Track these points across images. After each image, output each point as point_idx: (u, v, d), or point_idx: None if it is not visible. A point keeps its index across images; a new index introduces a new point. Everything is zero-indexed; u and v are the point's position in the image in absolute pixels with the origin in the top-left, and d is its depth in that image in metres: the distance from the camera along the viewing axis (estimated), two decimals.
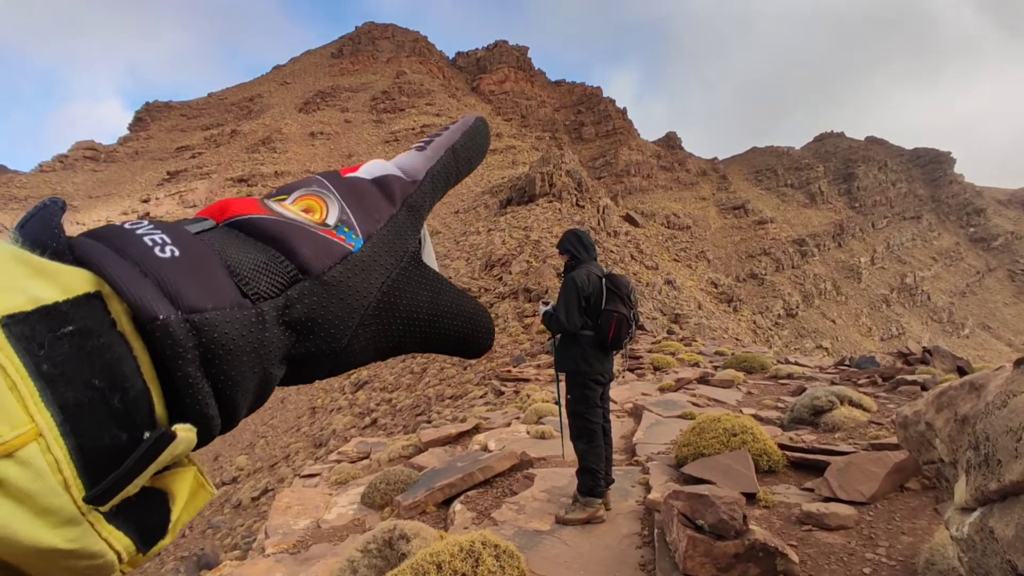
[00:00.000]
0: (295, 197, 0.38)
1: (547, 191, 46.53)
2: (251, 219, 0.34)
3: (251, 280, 0.31)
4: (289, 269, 0.33)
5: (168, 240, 0.30)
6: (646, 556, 3.39)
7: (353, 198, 0.39)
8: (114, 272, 0.26)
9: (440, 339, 0.41)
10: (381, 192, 0.41)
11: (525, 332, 18.88)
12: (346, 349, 0.35)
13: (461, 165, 0.46)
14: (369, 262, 0.36)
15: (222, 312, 0.28)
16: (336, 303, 0.34)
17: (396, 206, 0.40)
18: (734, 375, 8.96)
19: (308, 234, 0.35)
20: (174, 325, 0.26)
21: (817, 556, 3.08)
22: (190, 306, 0.27)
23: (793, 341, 78.11)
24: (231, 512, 15.68)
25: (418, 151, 0.45)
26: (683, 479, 4.23)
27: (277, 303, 0.32)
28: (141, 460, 0.25)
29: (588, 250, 4.02)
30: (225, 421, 0.30)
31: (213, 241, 0.32)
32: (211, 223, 0.35)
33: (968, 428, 1.18)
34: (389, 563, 3.17)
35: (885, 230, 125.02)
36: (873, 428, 5.11)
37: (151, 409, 0.26)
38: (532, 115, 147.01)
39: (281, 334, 0.32)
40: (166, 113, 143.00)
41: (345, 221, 0.37)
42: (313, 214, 0.37)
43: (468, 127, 0.47)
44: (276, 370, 0.32)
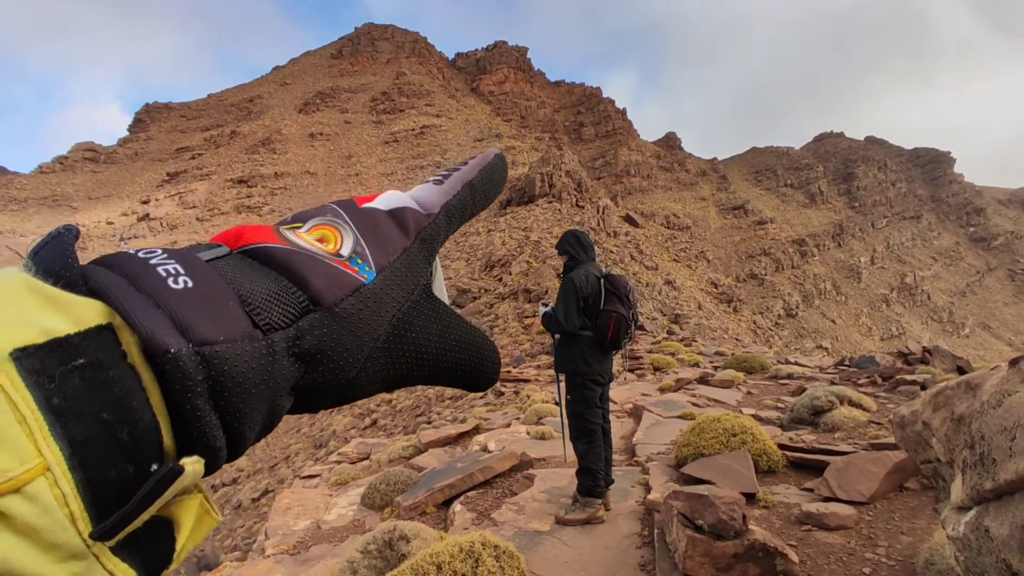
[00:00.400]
0: (310, 226, 0.38)
1: (547, 192, 46.57)
2: (265, 248, 0.34)
3: (263, 310, 0.31)
4: (301, 300, 0.33)
5: (182, 271, 0.29)
6: (646, 556, 3.39)
7: (367, 229, 0.39)
8: (127, 304, 0.26)
9: (447, 372, 0.41)
10: (396, 224, 0.41)
11: (525, 333, 18.88)
12: (353, 381, 0.35)
13: (477, 200, 0.46)
14: (381, 295, 0.36)
15: (233, 344, 0.28)
16: (346, 335, 0.34)
17: (410, 239, 0.40)
18: (734, 375, 8.96)
19: (321, 265, 0.35)
20: (184, 358, 0.26)
21: (817, 556, 3.08)
22: (201, 339, 0.27)
23: (793, 341, 78.12)
24: (231, 513, 15.68)
25: (435, 184, 0.45)
26: (683, 479, 4.23)
27: (288, 334, 0.31)
28: (148, 495, 0.25)
29: (587, 251, 4.02)
30: (231, 451, 0.30)
31: (226, 269, 0.32)
32: (224, 250, 0.34)
33: (964, 427, 1.18)
34: (389, 564, 3.17)
35: (885, 230, 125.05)
36: (873, 428, 5.11)
37: (159, 442, 0.26)
38: (532, 116, 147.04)
39: (290, 365, 0.31)
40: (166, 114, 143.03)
41: (359, 253, 0.37)
42: (327, 244, 0.37)
43: (487, 164, 0.47)
44: (284, 401, 0.32)
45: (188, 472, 0.26)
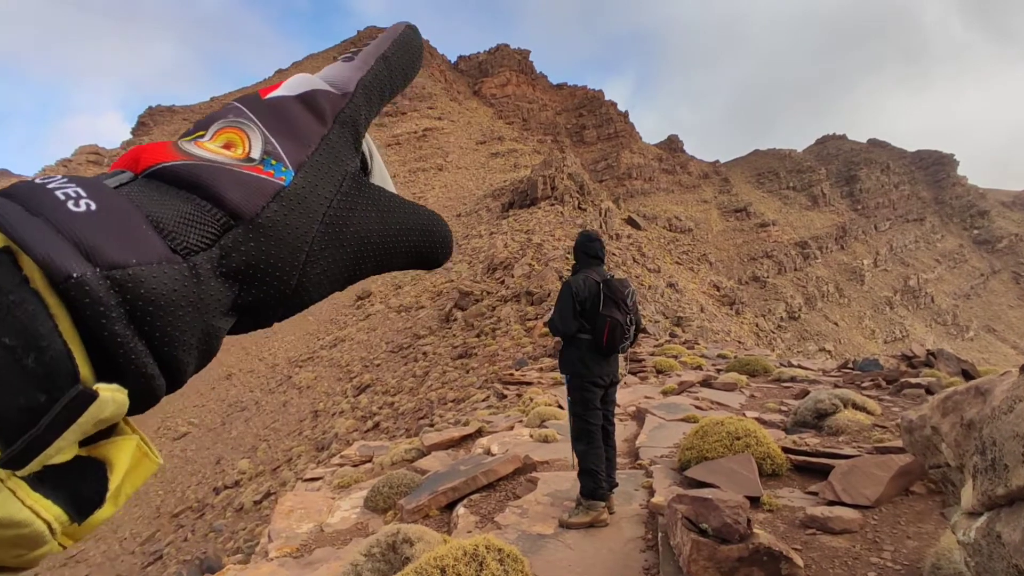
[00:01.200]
0: (213, 132, 0.35)
1: (549, 194, 46.56)
2: (167, 167, 0.31)
3: (178, 234, 0.29)
4: (218, 217, 0.30)
5: (83, 193, 0.27)
6: (650, 560, 3.38)
7: (277, 123, 0.36)
8: (22, 230, 0.24)
9: (396, 257, 0.39)
10: (308, 111, 0.37)
11: (527, 335, 18.87)
12: (297, 289, 0.33)
13: (395, 75, 0.42)
14: (304, 194, 0.33)
15: (149, 267, 0.26)
16: (276, 245, 0.31)
17: (327, 125, 0.37)
18: (737, 378, 8.94)
19: (232, 175, 0.32)
20: (91, 282, 0.24)
21: (821, 560, 3.06)
22: (110, 262, 0.25)
23: (796, 344, 77.94)
24: (233, 516, 15.68)
25: (345, 61, 0.41)
26: (686, 483, 4.22)
27: (211, 255, 0.29)
28: (57, 420, 0.23)
29: (589, 255, 4.04)
30: (170, 381, 0.28)
31: (132, 194, 0.29)
32: (128, 175, 0.31)
33: (975, 433, 1.17)
34: (393, 567, 3.17)
35: (888, 232, 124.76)
36: (877, 431, 5.09)
37: (73, 370, 0.24)
38: (534, 118, 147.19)
39: (221, 286, 0.30)
40: (168, 117, 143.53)
41: (271, 152, 0.34)
42: (235, 149, 0.34)
43: (398, 35, 0.43)
44: (220, 323, 0.30)
45: (106, 399, 0.24)
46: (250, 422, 26.45)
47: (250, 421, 26.62)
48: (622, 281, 3.93)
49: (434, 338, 24.79)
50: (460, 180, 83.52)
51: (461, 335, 22.94)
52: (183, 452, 26.33)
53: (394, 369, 22.89)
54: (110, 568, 16.90)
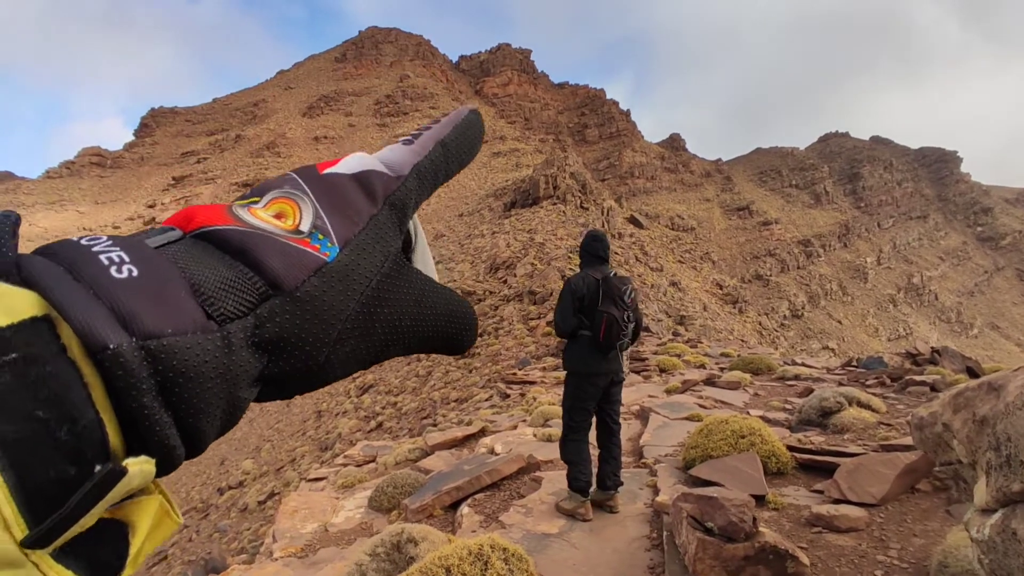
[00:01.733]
0: (267, 200, 0.35)
1: (551, 193, 46.57)
2: (218, 231, 0.32)
3: (217, 300, 0.29)
4: (258, 285, 0.30)
5: (126, 258, 0.27)
6: (655, 559, 3.37)
7: (329, 199, 0.36)
8: (61, 295, 0.24)
9: (424, 342, 0.39)
10: (361, 190, 0.38)
11: (530, 335, 18.86)
12: (324, 366, 0.32)
13: (451, 161, 0.43)
14: (346, 272, 0.33)
15: (183, 337, 0.26)
16: (310, 320, 0.31)
17: (377, 205, 0.37)
18: (741, 376, 8.92)
19: (278, 245, 0.32)
20: (126, 354, 0.24)
21: (827, 558, 3.05)
22: (146, 332, 0.25)
23: (799, 342, 77.82)
24: (237, 516, 15.70)
25: (404, 144, 0.42)
26: (691, 481, 4.21)
27: (246, 324, 0.29)
28: (86, 499, 0.23)
29: (592, 254, 4.06)
30: (190, 448, 0.28)
31: (177, 256, 0.30)
32: (177, 234, 0.32)
33: (988, 429, 1.16)
34: (397, 567, 3.16)
35: (891, 230, 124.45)
36: (882, 429, 5.07)
37: (104, 440, 0.24)
38: (535, 118, 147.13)
39: (251, 356, 0.29)
40: (171, 119, 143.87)
41: (320, 227, 0.34)
42: (285, 220, 0.34)
43: (460, 120, 0.44)
44: (246, 393, 0.30)
45: (134, 473, 0.24)
46: (254, 423, 26.51)
47: (254, 422, 26.67)
48: (621, 278, 3.93)
49: None
50: (462, 180, 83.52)
51: None
52: None
53: (397, 369, 22.91)
54: None
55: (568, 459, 4.07)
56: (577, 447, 4.03)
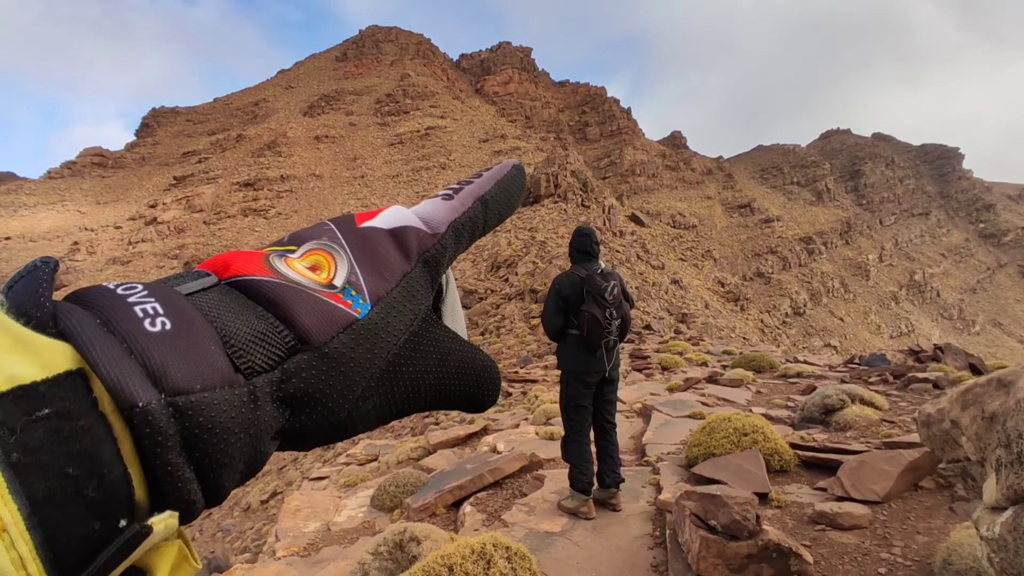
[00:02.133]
0: (303, 251, 0.36)
1: (552, 192, 46.55)
2: (252, 281, 0.32)
3: (246, 352, 0.29)
4: (288, 340, 0.30)
5: (160, 311, 0.27)
6: (658, 557, 3.37)
7: (364, 254, 0.36)
8: (95, 352, 0.24)
9: (446, 399, 0.39)
10: (396, 246, 0.38)
11: (532, 333, 18.86)
12: (345, 421, 0.33)
13: (490, 217, 0.42)
14: (376, 330, 0.33)
15: (210, 393, 0.26)
16: (336, 376, 0.31)
17: (411, 263, 0.37)
18: (743, 374, 8.91)
19: (311, 300, 0.32)
20: (155, 412, 0.24)
21: (831, 556, 3.05)
22: (175, 388, 0.25)
23: (801, 340, 77.75)
24: (240, 515, 15.73)
25: (444, 200, 0.41)
26: (694, 479, 4.20)
27: (272, 377, 0.29)
28: (112, 559, 0.23)
29: (579, 251, 4.04)
30: (209, 499, 0.28)
31: (210, 306, 0.30)
32: (211, 280, 0.32)
33: (997, 426, 1.15)
34: (400, 566, 3.16)
35: (893, 227, 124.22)
36: (885, 426, 5.06)
37: (130, 495, 0.24)
38: (536, 116, 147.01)
39: (275, 411, 0.30)
40: (172, 119, 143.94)
41: (353, 283, 0.34)
42: (320, 272, 0.34)
43: (503, 176, 0.44)
44: (267, 447, 0.30)
45: (158, 532, 0.24)
46: None
47: None
48: (606, 275, 3.88)
49: None
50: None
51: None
52: None
53: None
54: None
55: (569, 460, 4.07)
56: (578, 447, 4.03)
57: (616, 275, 3.95)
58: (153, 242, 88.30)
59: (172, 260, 77.68)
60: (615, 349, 3.99)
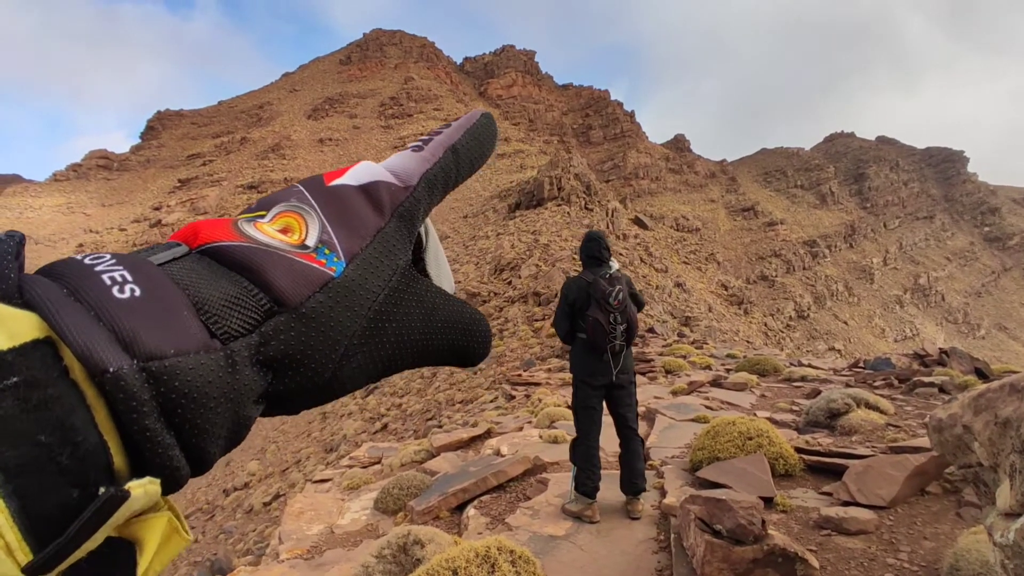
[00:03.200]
0: (273, 215, 0.35)
1: (555, 195, 46.57)
2: (223, 247, 0.31)
3: (221, 318, 0.28)
4: (263, 302, 0.30)
5: (129, 278, 0.27)
6: (663, 561, 3.35)
7: (336, 212, 0.35)
8: (62, 318, 0.24)
9: (434, 354, 0.38)
10: (368, 202, 0.37)
11: (535, 336, 18.84)
12: (330, 381, 0.32)
13: (462, 167, 0.41)
14: (353, 287, 0.33)
15: (185, 358, 0.26)
16: (316, 337, 0.31)
17: (384, 217, 0.37)
18: (747, 378, 8.88)
19: (284, 261, 0.32)
20: (127, 377, 0.24)
21: (837, 561, 3.03)
22: (148, 353, 0.25)
23: (805, 343, 77.52)
24: (243, 517, 15.73)
25: (414, 151, 0.41)
26: (698, 483, 4.19)
27: (250, 341, 0.29)
28: (89, 524, 0.22)
29: (588, 256, 4.05)
30: (195, 466, 0.28)
31: (181, 273, 0.29)
32: (183, 249, 0.32)
33: (1011, 431, 1.14)
34: (404, 569, 3.15)
35: (897, 230, 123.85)
36: (891, 431, 5.03)
37: (108, 463, 0.24)
38: (540, 119, 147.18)
39: (255, 374, 0.29)
40: (177, 121, 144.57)
41: (326, 242, 0.34)
42: (291, 234, 0.34)
43: (472, 124, 0.42)
44: (250, 411, 0.29)
45: (137, 496, 0.23)
46: (259, 424, 26.57)
47: (259, 423, 26.74)
48: (612, 279, 3.89)
49: None
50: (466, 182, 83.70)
51: None
52: None
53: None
54: None
55: (576, 462, 4.08)
56: (586, 450, 4.02)
57: (623, 279, 3.95)
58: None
59: None
60: (622, 353, 3.97)
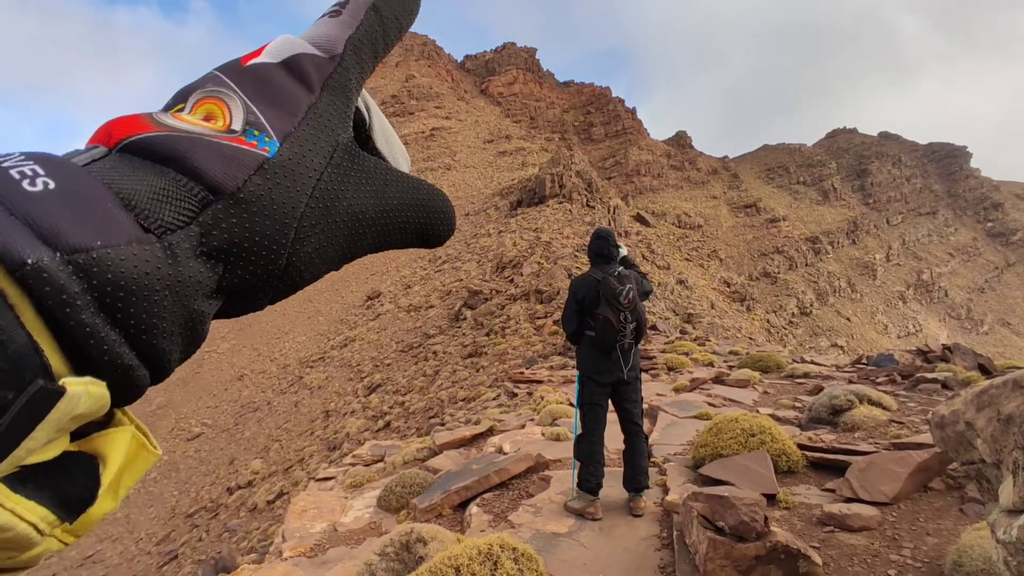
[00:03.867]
0: (192, 103, 0.32)
1: (557, 192, 46.49)
2: (142, 139, 0.29)
3: (152, 211, 0.26)
4: (196, 191, 0.28)
5: (41, 172, 0.25)
6: (665, 559, 3.35)
7: (260, 92, 0.33)
8: None
9: (395, 235, 0.36)
10: (293, 77, 0.34)
11: (537, 334, 18.84)
12: (287, 269, 0.30)
13: (389, 26, 0.38)
14: (291, 166, 0.31)
15: (116, 249, 0.24)
16: (260, 221, 0.29)
17: (315, 93, 0.34)
18: (750, 375, 8.87)
19: (212, 146, 0.29)
20: (50, 268, 0.22)
21: (840, 558, 3.03)
22: (72, 246, 0.23)
23: (808, 340, 77.39)
24: (247, 516, 15.78)
25: (332, 17, 0.37)
26: (701, 480, 4.19)
27: (190, 233, 0.27)
28: (20, 420, 0.21)
29: (597, 254, 4.08)
30: (154, 370, 0.26)
31: (101, 171, 0.27)
32: (101, 151, 0.29)
33: (1014, 428, 1.14)
34: (407, 566, 3.16)
35: (900, 226, 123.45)
36: (894, 427, 5.02)
37: (43, 364, 0.22)
38: (541, 116, 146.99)
39: (202, 266, 0.27)
40: None
41: (254, 123, 0.31)
42: (215, 121, 0.31)
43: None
44: (204, 306, 0.28)
45: (76, 393, 0.22)
46: (262, 423, 26.63)
47: (262, 422, 26.79)
48: (621, 277, 3.90)
49: (444, 337, 24.83)
50: (468, 179, 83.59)
51: (471, 334, 22.95)
52: (197, 453, 26.55)
53: (404, 369, 22.95)
54: (127, 568, 17.07)
55: (580, 458, 4.09)
56: (590, 447, 4.03)
57: (632, 277, 3.95)
58: None
59: None
60: (631, 351, 3.99)
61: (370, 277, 48.40)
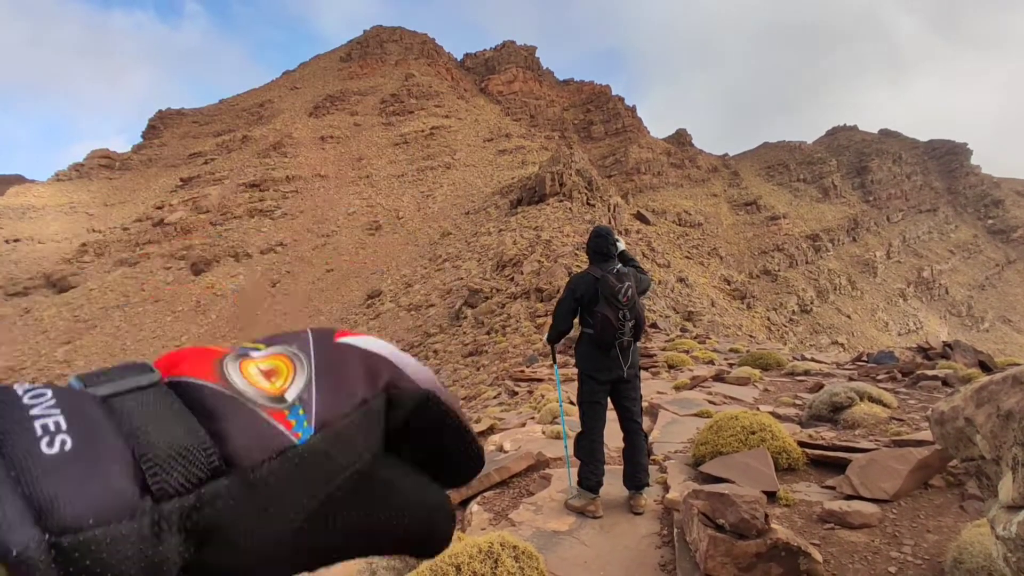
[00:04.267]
0: (267, 353, 0.32)
1: (557, 191, 46.46)
2: (194, 385, 0.29)
3: (162, 470, 0.26)
4: (213, 460, 0.27)
5: (63, 426, 0.25)
6: (666, 556, 3.36)
7: (328, 368, 0.32)
8: None
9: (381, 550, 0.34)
10: (364, 366, 0.33)
11: (537, 332, 18.84)
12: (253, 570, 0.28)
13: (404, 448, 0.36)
14: (312, 461, 0.29)
15: (105, 528, 0.23)
16: (253, 512, 0.27)
17: (375, 389, 0.33)
18: (750, 372, 8.87)
19: (250, 416, 0.29)
20: (33, 558, 0.22)
21: (840, 555, 3.03)
22: (62, 525, 0.23)
23: (808, 337, 77.37)
24: None
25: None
26: (701, 478, 4.19)
27: (184, 503, 0.26)
28: None
29: (596, 252, 4.05)
30: None
31: (135, 410, 0.27)
32: (152, 378, 0.29)
33: (1013, 424, 1.14)
34: (408, 564, 3.16)
35: (900, 223, 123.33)
36: (894, 424, 5.02)
37: None
38: (541, 115, 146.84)
39: (179, 543, 0.26)
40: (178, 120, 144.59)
41: (304, 401, 0.30)
42: (275, 380, 0.31)
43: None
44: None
45: None
46: None
47: None
48: (620, 275, 3.88)
49: (444, 336, 24.84)
50: (468, 178, 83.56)
51: (471, 333, 22.97)
52: None
53: None
54: None
55: (580, 456, 4.08)
56: (590, 445, 4.04)
57: (631, 275, 3.94)
58: (160, 243, 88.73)
59: (179, 261, 78.00)
60: (630, 349, 3.99)
61: (371, 276, 48.39)
